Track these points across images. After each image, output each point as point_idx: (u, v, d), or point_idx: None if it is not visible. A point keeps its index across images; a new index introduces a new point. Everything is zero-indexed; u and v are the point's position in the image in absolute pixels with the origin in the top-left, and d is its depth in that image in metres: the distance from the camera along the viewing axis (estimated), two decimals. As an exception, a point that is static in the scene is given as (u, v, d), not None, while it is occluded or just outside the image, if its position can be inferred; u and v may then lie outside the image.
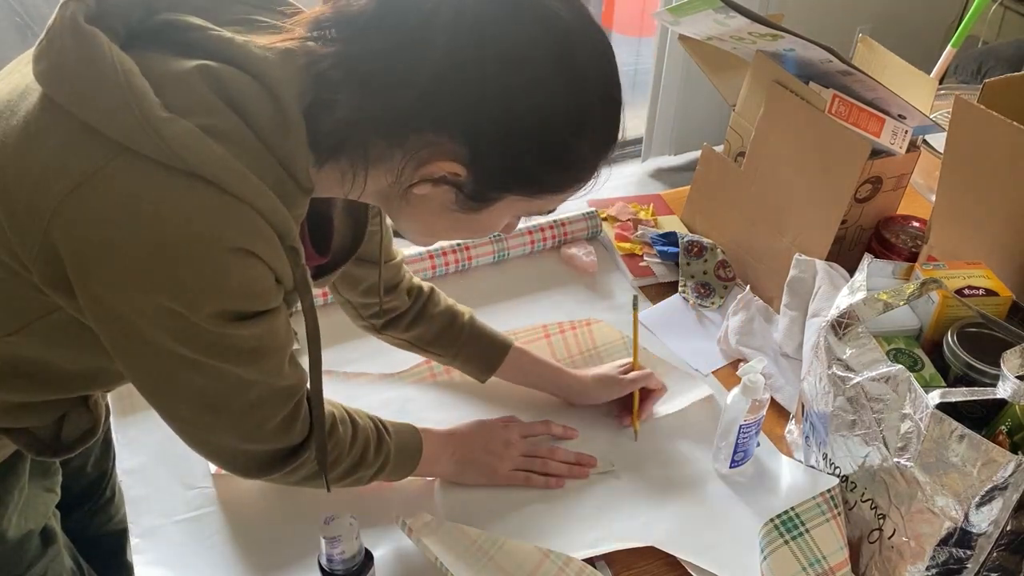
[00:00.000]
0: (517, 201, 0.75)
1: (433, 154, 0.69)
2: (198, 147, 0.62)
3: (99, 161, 0.62)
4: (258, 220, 0.65)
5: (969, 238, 1.14)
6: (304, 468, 0.83)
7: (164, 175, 0.62)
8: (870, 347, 0.91)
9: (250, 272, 0.66)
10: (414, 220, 0.78)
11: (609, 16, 4.02)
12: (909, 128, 1.17)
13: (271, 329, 0.73)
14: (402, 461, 0.95)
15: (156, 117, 0.61)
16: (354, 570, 0.84)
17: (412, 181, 0.71)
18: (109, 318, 0.67)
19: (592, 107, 0.70)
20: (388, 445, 0.92)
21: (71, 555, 0.97)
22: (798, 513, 0.91)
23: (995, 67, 2.21)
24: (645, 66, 3.65)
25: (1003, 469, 0.76)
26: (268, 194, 0.65)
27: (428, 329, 1.08)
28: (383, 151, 0.70)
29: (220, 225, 0.63)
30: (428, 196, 0.73)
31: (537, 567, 0.90)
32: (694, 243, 1.38)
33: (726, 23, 1.22)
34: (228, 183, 0.63)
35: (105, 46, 0.62)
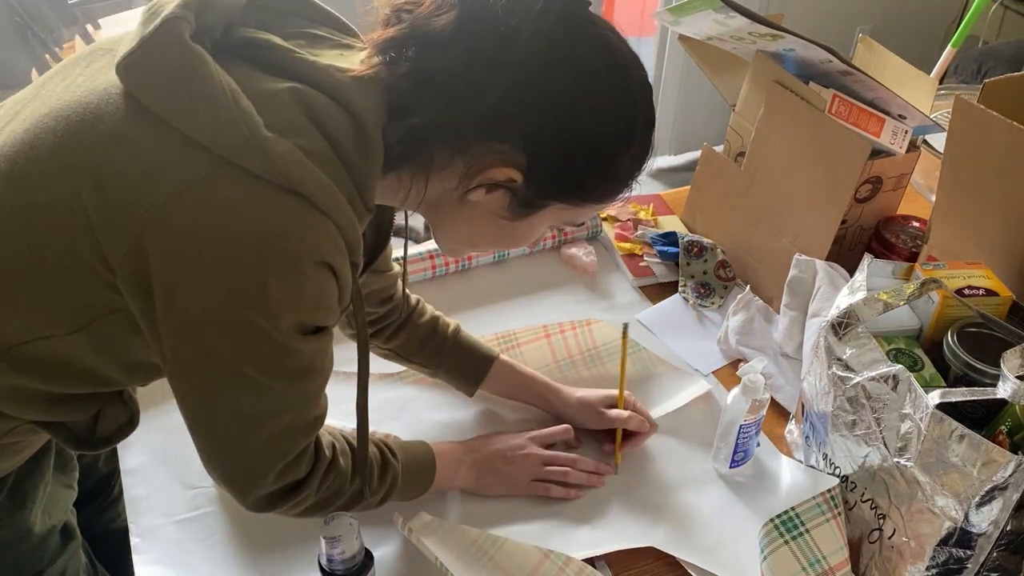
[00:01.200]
0: (560, 210, 0.79)
1: (495, 161, 0.74)
2: (300, 166, 0.66)
3: (201, 172, 0.65)
4: (338, 236, 0.69)
5: (969, 238, 1.14)
6: (307, 501, 0.84)
7: (264, 189, 0.65)
8: (870, 347, 0.91)
9: (324, 284, 0.70)
10: (459, 228, 0.82)
11: (609, 16, 4.01)
12: (909, 128, 1.17)
13: (324, 348, 0.76)
14: (413, 482, 0.95)
15: (263, 136, 0.65)
16: (354, 570, 0.84)
17: (471, 186, 0.75)
18: (180, 325, 0.69)
19: (636, 126, 0.77)
20: (395, 469, 0.91)
21: (85, 551, 0.98)
22: (798, 513, 0.91)
23: (995, 67, 2.21)
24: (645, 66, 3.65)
25: (1003, 469, 0.76)
26: (351, 214, 0.70)
27: (412, 339, 1.08)
28: (447, 160, 0.74)
29: (311, 238, 0.67)
30: (479, 203, 0.77)
31: (537, 567, 0.90)
32: (694, 243, 1.38)
33: (726, 23, 1.22)
34: (322, 201, 0.67)
35: (212, 66, 0.66)
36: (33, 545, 0.88)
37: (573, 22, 0.72)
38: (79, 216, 0.67)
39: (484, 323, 1.27)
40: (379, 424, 1.10)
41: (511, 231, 0.81)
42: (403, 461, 0.93)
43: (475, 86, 0.70)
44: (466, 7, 0.70)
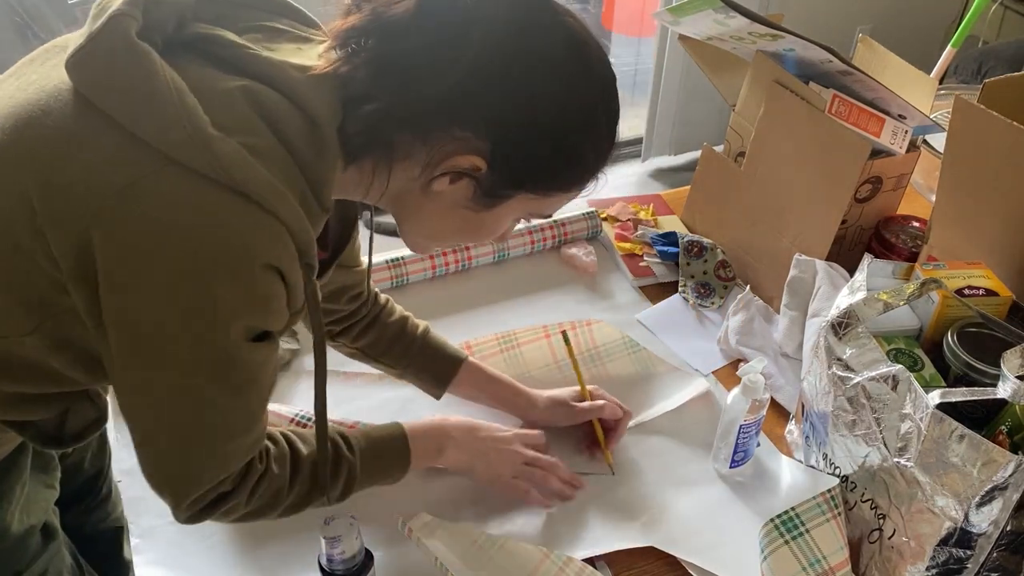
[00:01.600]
0: (526, 200, 0.78)
1: (457, 148, 0.72)
2: (245, 165, 0.65)
3: (147, 169, 0.64)
4: (287, 237, 0.68)
5: (969, 238, 1.14)
6: (237, 511, 0.81)
7: (209, 188, 0.64)
8: (870, 347, 0.91)
9: (271, 288, 0.69)
10: (424, 221, 0.81)
11: (609, 16, 4.02)
12: (909, 128, 1.17)
13: (268, 359, 0.75)
14: (381, 469, 0.93)
15: (208, 135, 0.64)
16: (354, 570, 0.84)
17: (434, 174, 0.74)
18: (124, 324, 0.68)
19: (599, 113, 0.76)
20: (349, 462, 0.88)
21: (70, 551, 0.98)
22: (798, 513, 0.91)
23: (995, 67, 2.21)
24: (645, 66, 3.65)
25: (1003, 469, 0.76)
26: (301, 214, 0.68)
27: (380, 338, 1.07)
28: (408, 149, 0.73)
29: (257, 241, 0.66)
30: (443, 193, 0.76)
31: (537, 567, 0.90)
32: (694, 243, 1.38)
33: (726, 23, 1.22)
34: (268, 201, 0.66)
35: (158, 63, 0.65)
36: (11, 545, 0.87)
37: (533, 9, 0.72)
38: (26, 214, 0.66)
39: (484, 323, 1.27)
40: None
41: (477, 223, 0.80)
42: (363, 451, 0.90)
43: (434, 71, 0.70)
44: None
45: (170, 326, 0.67)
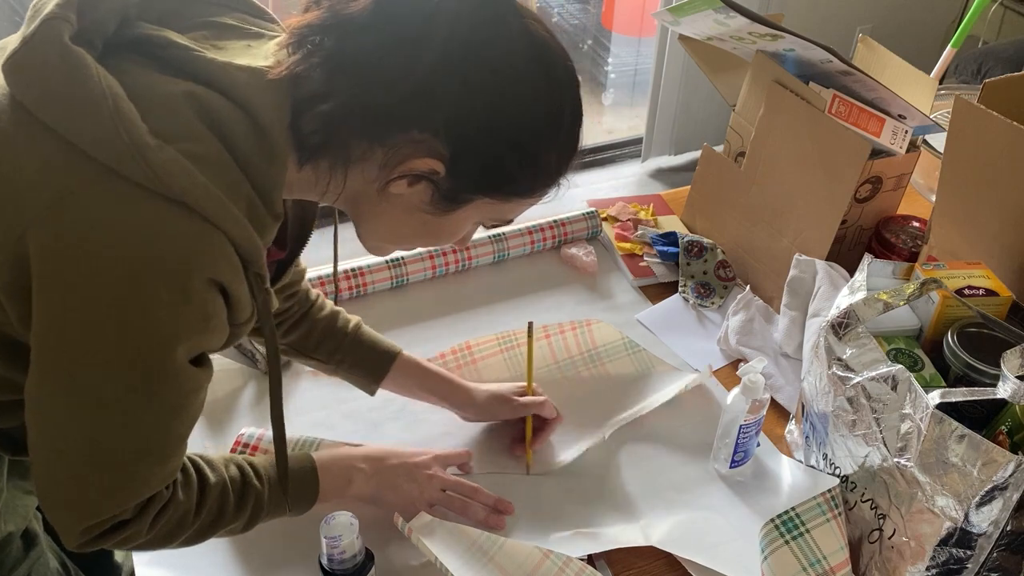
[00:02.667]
0: (486, 204, 0.77)
1: (415, 151, 0.71)
2: (183, 174, 0.63)
3: (84, 180, 0.62)
4: (229, 248, 0.66)
5: (969, 238, 1.14)
6: (136, 539, 0.77)
7: (147, 199, 0.63)
8: (870, 347, 0.91)
9: (212, 304, 0.67)
10: (382, 223, 0.79)
11: (609, 16, 4.02)
12: (909, 128, 1.17)
13: (200, 386, 0.73)
14: (291, 498, 0.88)
15: (144, 144, 0.62)
16: (354, 570, 0.84)
17: (392, 176, 0.72)
18: (54, 339, 0.65)
19: (563, 120, 0.75)
20: (256, 491, 0.84)
21: (56, 556, 0.97)
22: (798, 513, 0.91)
23: (995, 67, 2.21)
24: (645, 66, 3.65)
25: (1003, 469, 0.76)
26: (243, 222, 0.66)
27: (311, 333, 1.05)
28: (365, 150, 0.72)
29: (195, 254, 0.64)
30: (401, 196, 0.74)
31: (537, 567, 0.90)
32: (694, 243, 1.38)
33: (726, 23, 1.22)
34: (207, 210, 0.64)
35: (93, 69, 0.63)
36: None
37: (496, 10, 0.71)
38: None
39: (484, 323, 1.27)
40: (379, 425, 1.10)
41: (436, 226, 0.78)
42: (272, 483, 0.86)
43: (391, 71, 0.68)
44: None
45: (100, 342, 0.64)
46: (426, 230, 0.79)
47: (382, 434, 1.09)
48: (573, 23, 4.22)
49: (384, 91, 0.68)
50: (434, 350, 1.18)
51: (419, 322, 1.27)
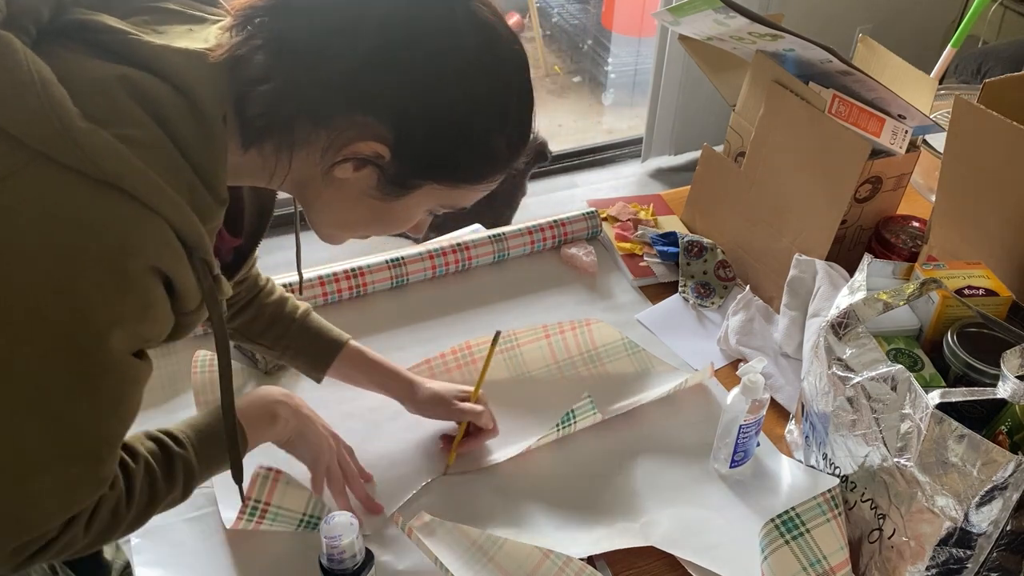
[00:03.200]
0: (435, 191, 0.76)
1: (359, 134, 0.70)
2: (116, 157, 0.62)
3: (16, 165, 0.61)
4: (169, 233, 0.65)
5: (969, 238, 1.14)
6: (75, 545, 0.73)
7: (81, 184, 0.61)
8: (870, 347, 0.91)
9: (151, 293, 0.66)
10: (329, 208, 0.78)
11: (609, 16, 4.02)
12: (909, 128, 1.17)
13: (140, 378, 0.70)
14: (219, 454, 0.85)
15: (75, 127, 0.61)
16: (354, 570, 0.84)
17: (335, 160, 0.72)
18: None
19: (511, 104, 0.74)
20: (182, 458, 0.82)
21: None
22: (798, 513, 0.91)
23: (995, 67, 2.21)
24: (645, 66, 3.66)
25: (1003, 469, 0.76)
26: (183, 207, 0.65)
27: (257, 318, 1.04)
28: (309, 133, 0.71)
29: (134, 240, 0.63)
30: (348, 181, 0.74)
31: (537, 567, 0.90)
32: (694, 243, 1.38)
33: (726, 23, 1.22)
34: (144, 195, 0.63)
35: (21, 53, 0.62)
36: None
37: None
38: None
39: (484, 323, 1.27)
40: (377, 424, 1.10)
41: (386, 213, 0.77)
42: (194, 443, 0.83)
43: (330, 53, 0.68)
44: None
45: (33, 329, 0.62)
46: (375, 216, 0.78)
47: (382, 434, 1.09)
48: (573, 23, 4.22)
49: (323, 72, 0.68)
50: (434, 350, 1.18)
51: (419, 322, 1.27)
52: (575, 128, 3.56)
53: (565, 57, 4.09)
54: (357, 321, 1.25)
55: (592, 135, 3.49)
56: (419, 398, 1.06)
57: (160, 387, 1.12)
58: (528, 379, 1.18)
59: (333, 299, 1.27)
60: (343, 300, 1.28)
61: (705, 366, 1.19)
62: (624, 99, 3.82)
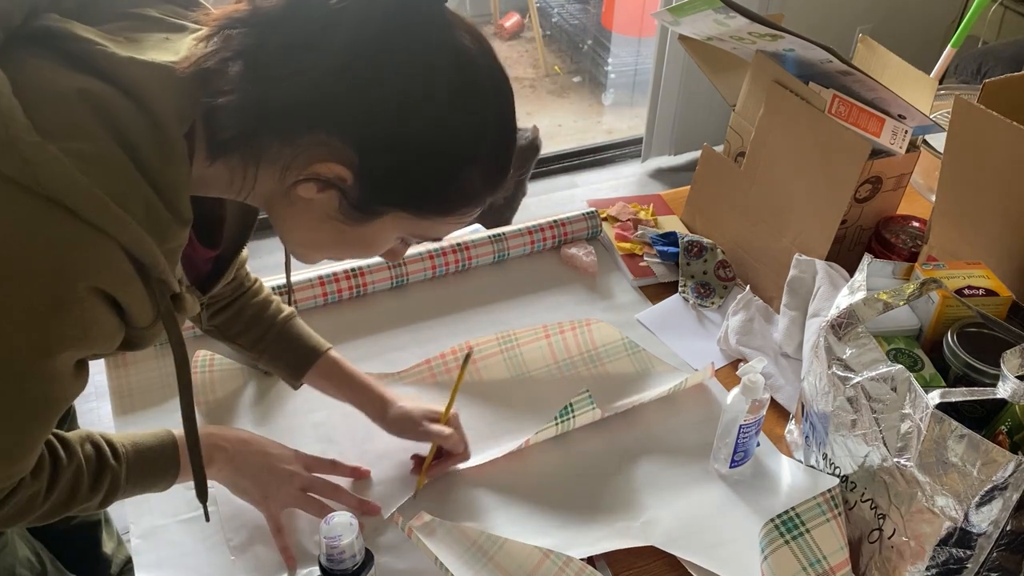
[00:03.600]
0: (402, 219, 0.74)
1: (322, 154, 0.69)
2: (60, 174, 0.60)
3: None
4: (115, 254, 0.63)
5: (969, 238, 1.14)
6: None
7: (25, 199, 0.60)
8: (870, 347, 0.91)
9: (90, 314, 0.64)
10: (297, 227, 0.77)
11: (609, 16, 4.02)
12: (909, 128, 1.17)
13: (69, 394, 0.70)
14: (149, 475, 0.87)
15: (22, 140, 0.59)
16: (354, 570, 0.84)
17: (297, 178, 0.70)
18: None
19: (486, 137, 0.72)
20: (113, 470, 0.83)
21: (28, 546, 0.96)
22: (798, 513, 0.91)
23: (995, 67, 2.22)
24: (645, 66, 3.66)
25: (1003, 469, 0.76)
26: (131, 226, 0.63)
27: (237, 318, 1.03)
28: (276, 150, 0.69)
29: (70, 259, 0.62)
30: (312, 202, 0.72)
31: (537, 567, 0.90)
32: (694, 243, 1.38)
33: (726, 23, 1.22)
34: (87, 213, 0.61)
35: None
36: None
37: (413, 17, 0.68)
38: None
39: (484, 323, 1.27)
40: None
41: (352, 237, 0.75)
42: (129, 460, 0.84)
43: (298, 66, 0.66)
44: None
45: None
46: (341, 240, 0.76)
47: (382, 434, 1.09)
48: (573, 23, 4.22)
49: (287, 88, 0.66)
50: (434, 350, 1.18)
51: (419, 322, 1.27)
52: (575, 128, 3.56)
53: (565, 57, 4.10)
54: (357, 321, 1.26)
55: (592, 135, 3.49)
56: (389, 416, 1.03)
57: (160, 387, 1.12)
58: (528, 379, 1.18)
59: (333, 299, 1.27)
60: (343, 300, 1.28)
61: (705, 366, 1.19)
62: (624, 99, 3.82)
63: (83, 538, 1.12)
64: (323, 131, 0.68)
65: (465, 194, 0.74)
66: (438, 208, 0.74)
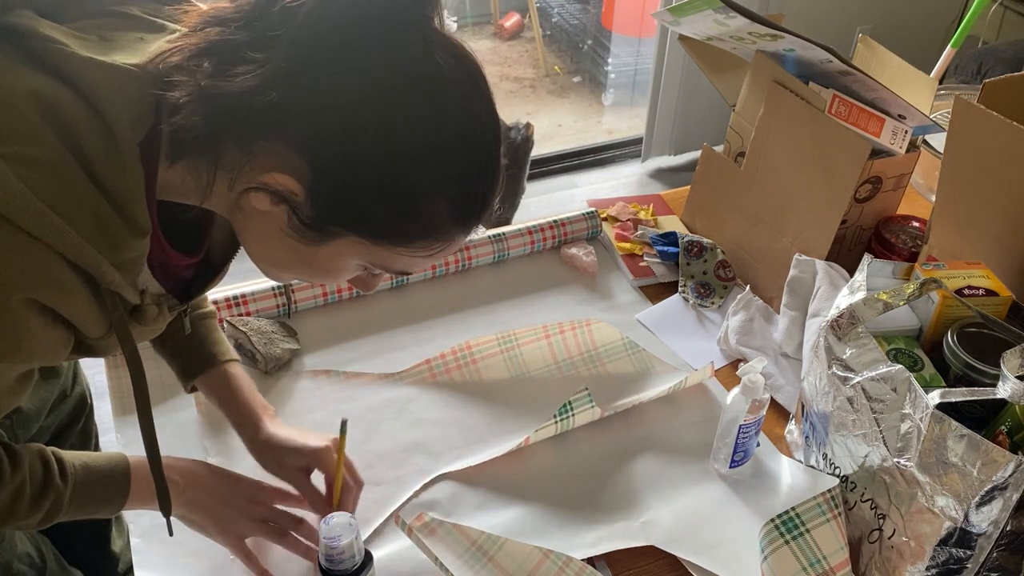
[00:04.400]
0: (358, 245, 0.70)
1: (274, 164, 0.65)
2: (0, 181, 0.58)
3: None
4: (53, 264, 0.61)
5: (969, 238, 1.14)
6: None
7: None
8: (870, 347, 0.91)
9: (24, 326, 0.62)
10: (255, 241, 0.73)
11: (609, 16, 4.02)
12: (909, 128, 1.17)
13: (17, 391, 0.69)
14: (92, 501, 0.84)
15: None
16: (354, 570, 0.84)
17: (247, 186, 0.67)
18: None
19: (455, 164, 0.67)
20: (58, 491, 0.80)
21: (31, 541, 0.96)
22: (798, 513, 0.91)
23: (995, 67, 2.21)
24: (645, 66, 3.66)
25: (1003, 469, 0.76)
26: (70, 235, 0.60)
27: None
28: (233, 156, 0.66)
29: (4, 267, 0.59)
30: (267, 215, 0.68)
31: (537, 567, 0.90)
32: (694, 243, 1.38)
33: (726, 23, 1.22)
34: (27, 224, 0.58)
35: None
36: None
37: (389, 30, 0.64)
38: None
39: (484, 323, 1.27)
40: (379, 424, 1.10)
41: (307, 258, 0.71)
42: (76, 481, 0.82)
43: (249, 70, 0.62)
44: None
45: None
46: (299, 260, 0.72)
47: (382, 434, 1.09)
48: (573, 23, 4.22)
49: (240, 89, 0.63)
50: (434, 350, 1.18)
51: (419, 322, 1.27)
52: (575, 128, 3.56)
53: (565, 57, 4.10)
54: (357, 321, 1.26)
55: (592, 135, 3.49)
56: (258, 438, 0.96)
57: (160, 387, 1.12)
58: (528, 379, 1.18)
59: (333, 299, 1.27)
60: (343, 300, 1.28)
61: (705, 365, 1.19)
62: (624, 99, 3.82)
63: (92, 535, 1.12)
64: (279, 141, 0.65)
65: (427, 227, 0.69)
66: (395, 239, 0.69)
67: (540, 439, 1.07)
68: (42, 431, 1.10)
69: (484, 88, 0.68)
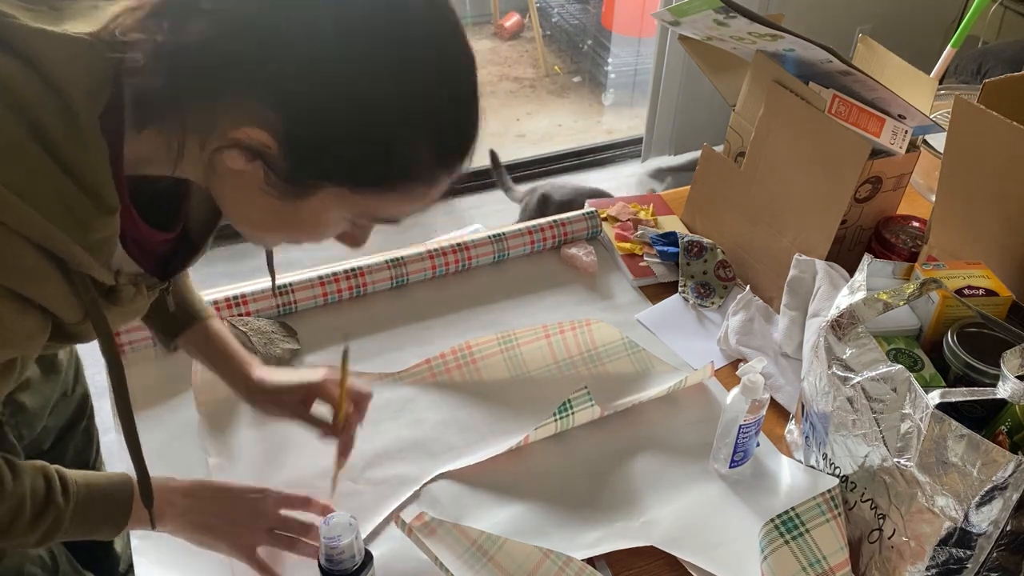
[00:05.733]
0: (340, 196, 0.67)
1: (243, 119, 0.62)
2: None
3: None
4: (19, 248, 0.59)
5: (969, 238, 1.14)
6: None
7: None
8: (870, 347, 0.91)
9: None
10: (234, 204, 0.70)
11: (609, 16, 4.02)
12: (909, 128, 1.17)
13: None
14: (95, 520, 0.83)
15: None
16: (354, 570, 0.84)
17: (219, 144, 0.64)
18: None
19: (432, 101, 0.64)
20: (58, 509, 0.79)
21: None
22: (798, 513, 0.91)
23: (995, 67, 2.21)
24: (645, 66, 3.66)
25: (1003, 469, 0.76)
26: (34, 218, 0.58)
27: None
28: (198, 117, 0.64)
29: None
30: (243, 174, 0.65)
31: (537, 567, 0.90)
32: (694, 243, 1.38)
33: (726, 23, 1.22)
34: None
35: None
36: None
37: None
38: None
39: (484, 323, 1.27)
40: (379, 424, 1.10)
41: (290, 217, 0.68)
42: (78, 500, 0.81)
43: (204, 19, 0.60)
44: None
45: None
46: (281, 219, 0.69)
47: (382, 434, 1.09)
48: (573, 23, 4.22)
49: (196, 44, 0.60)
50: (434, 350, 1.18)
51: (419, 322, 1.27)
52: (575, 128, 3.56)
53: (565, 57, 4.10)
54: (357, 321, 1.26)
55: (592, 135, 3.49)
56: (251, 383, 0.97)
57: (160, 387, 1.12)
58: (528, 379, 1.18)
59: (333, 299, 1.27)
60: (343, 300, 1.28)
61: (706, 364, 1.19)
62: (624, 99, 3.82)
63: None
64: (245, 94, 0.62)
65: (408, 169, 0.66)
66: (376, 185, 0.66)
67: (540, 438, 1.07)
68: (46, 431, 1.11)
69: (451, 17, 0.65)
